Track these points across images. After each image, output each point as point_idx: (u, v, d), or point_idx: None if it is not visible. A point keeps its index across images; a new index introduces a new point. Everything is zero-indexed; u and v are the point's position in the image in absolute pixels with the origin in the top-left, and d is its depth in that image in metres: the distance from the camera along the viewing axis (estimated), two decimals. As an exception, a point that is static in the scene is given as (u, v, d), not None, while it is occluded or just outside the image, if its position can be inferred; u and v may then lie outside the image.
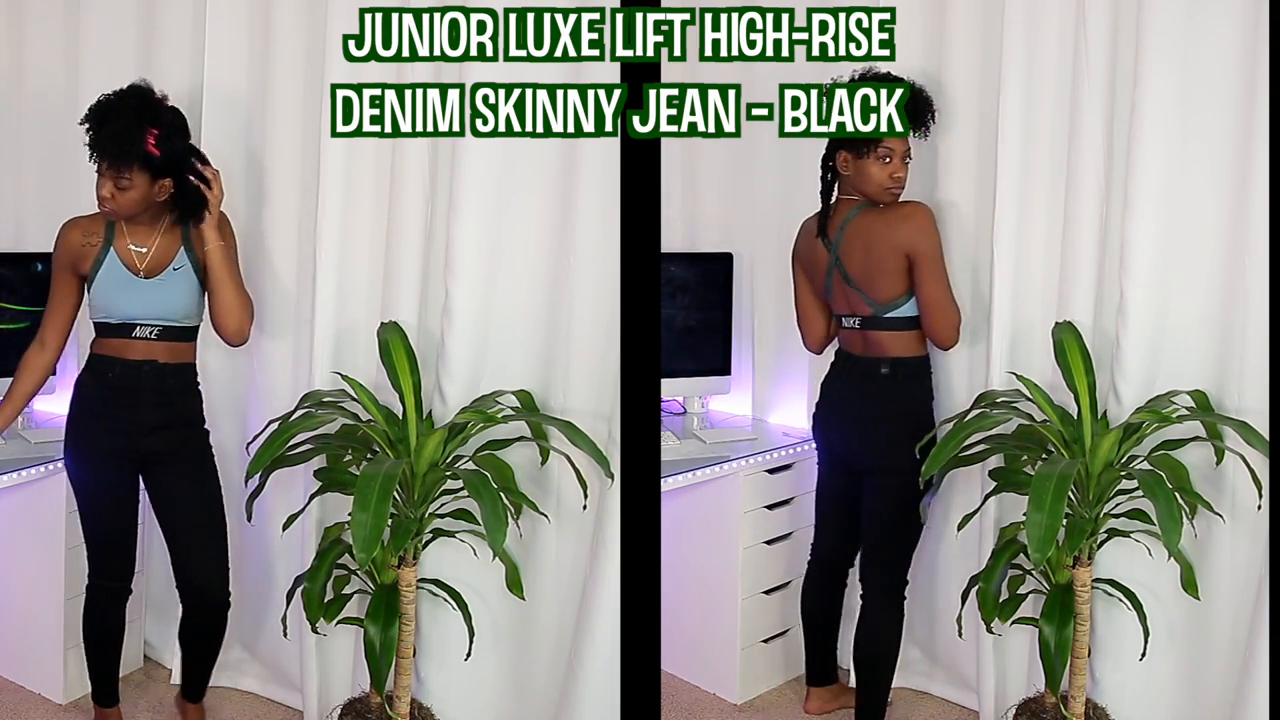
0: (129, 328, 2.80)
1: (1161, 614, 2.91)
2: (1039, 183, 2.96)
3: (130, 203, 2.73)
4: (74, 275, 2.84)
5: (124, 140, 2.65)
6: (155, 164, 2.70)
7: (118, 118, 2.66)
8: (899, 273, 2.91)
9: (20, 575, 3.27)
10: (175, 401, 2.87)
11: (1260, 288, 2.73)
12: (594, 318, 2.88)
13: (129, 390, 2.81)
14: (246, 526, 3.00)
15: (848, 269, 2.97)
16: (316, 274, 2.94)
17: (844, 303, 3.02)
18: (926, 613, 3.35)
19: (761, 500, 3.36)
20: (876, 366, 2.98)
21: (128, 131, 2.65)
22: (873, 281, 2.94)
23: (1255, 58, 2.69)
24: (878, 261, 2.92)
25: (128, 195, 2.71)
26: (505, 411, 2.85)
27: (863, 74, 2.80)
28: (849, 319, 3.02)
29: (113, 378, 2.82)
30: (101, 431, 2.83)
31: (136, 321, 2.80)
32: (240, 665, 3.37)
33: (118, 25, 3.27)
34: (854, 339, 3.03)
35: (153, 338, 2.81)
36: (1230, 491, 2.83)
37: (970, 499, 3.03)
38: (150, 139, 2.66)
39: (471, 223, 2.85)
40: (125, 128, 2.65)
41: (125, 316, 2.80)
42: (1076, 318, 2.90)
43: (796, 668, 3.50)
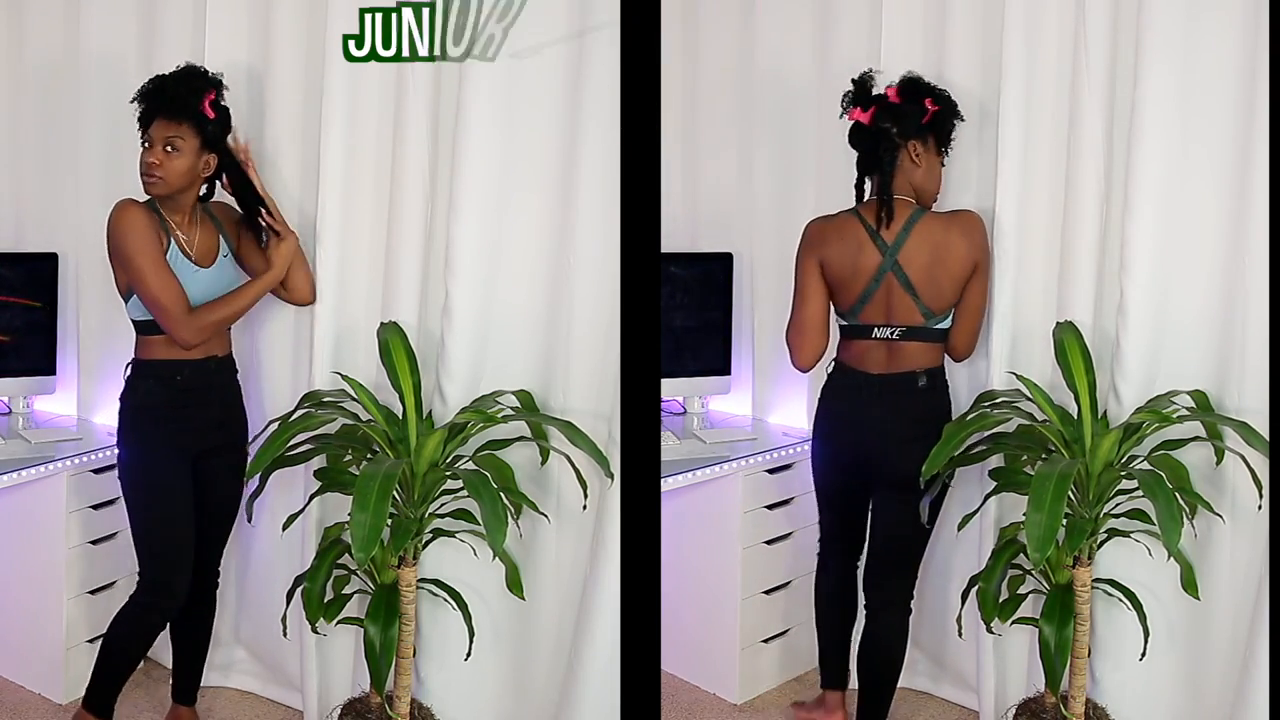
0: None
1: (1161, 614, 2.91)
2: (1039, 183, 2.96)
3: (178, 172, 2.71)
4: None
5: (181, 95, 2.70)
6: (208, 128, 2.73)
7: (176, 80, 2.72)
8: (962, 282, 2.86)
9: (20, 575, 3.27)
10: (234, 395, 2.90)
11: (1260, 288, 2.73)
12: (594, 318, 2.88)
13: (199, 390, 2.81)
14: (247, 526, 3.00)
15: (909, 274, 2.84)
16: (316, 274, 2.94)
17: (884, 312, 2.86)
18: (927, 613, 3.35)
19: (761, 500, 3.36)
20: (912, 380, 2.86)
21: (185, 89, 2.71)
22: (940, 289, 2.84)
23: (1255, 58, 2.69)
24: (948, 269, 2.83)
25: (175, 163, 2.70)
26: (505, 411, 2.85)
27: (899, 82, 2.83)
28: (883, 329, 2.86)
29: (182, 381, 2.78)
30: (170, 431, 2.79)
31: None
32: (240, 665, 3.37)
33: (118, 24, 3.27)
34: (875, 353, 2.89)
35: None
36: (1230, 491, 2.83)
37: (970, 499, 3.03)
38: (207, 100, 2.72)
39: (471, 223, 2.85)
40: (182, 87, 2.71)
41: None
42: (1076, 318, 2.90)
43: (796, 668, 3.50)
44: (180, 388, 2.79)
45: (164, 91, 2.72)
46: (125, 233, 2.69)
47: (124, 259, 2.71)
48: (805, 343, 2.93)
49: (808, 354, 2.93)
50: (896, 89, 2.87)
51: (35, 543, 3.21)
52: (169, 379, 2.78)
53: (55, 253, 3.39)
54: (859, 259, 2.85)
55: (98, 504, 3.24)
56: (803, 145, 3.45)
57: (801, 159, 3.45)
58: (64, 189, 3.40)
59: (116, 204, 2.73)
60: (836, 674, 3.21)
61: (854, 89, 2.89)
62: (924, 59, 3.14)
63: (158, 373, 2.79)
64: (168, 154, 2.70)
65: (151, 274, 2.70)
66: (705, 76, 3.67)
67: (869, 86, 2.88)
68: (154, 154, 2.70)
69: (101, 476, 3.22)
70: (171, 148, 2.70)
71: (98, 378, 3.42)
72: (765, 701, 3.42)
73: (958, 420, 2.85)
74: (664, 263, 3.47)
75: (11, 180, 3.48)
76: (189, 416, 2.81)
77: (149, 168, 2.70)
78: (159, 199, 2.76)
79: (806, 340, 2.93)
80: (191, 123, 2.72)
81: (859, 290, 2.87)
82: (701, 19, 3.67)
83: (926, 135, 2.87)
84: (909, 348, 2.87)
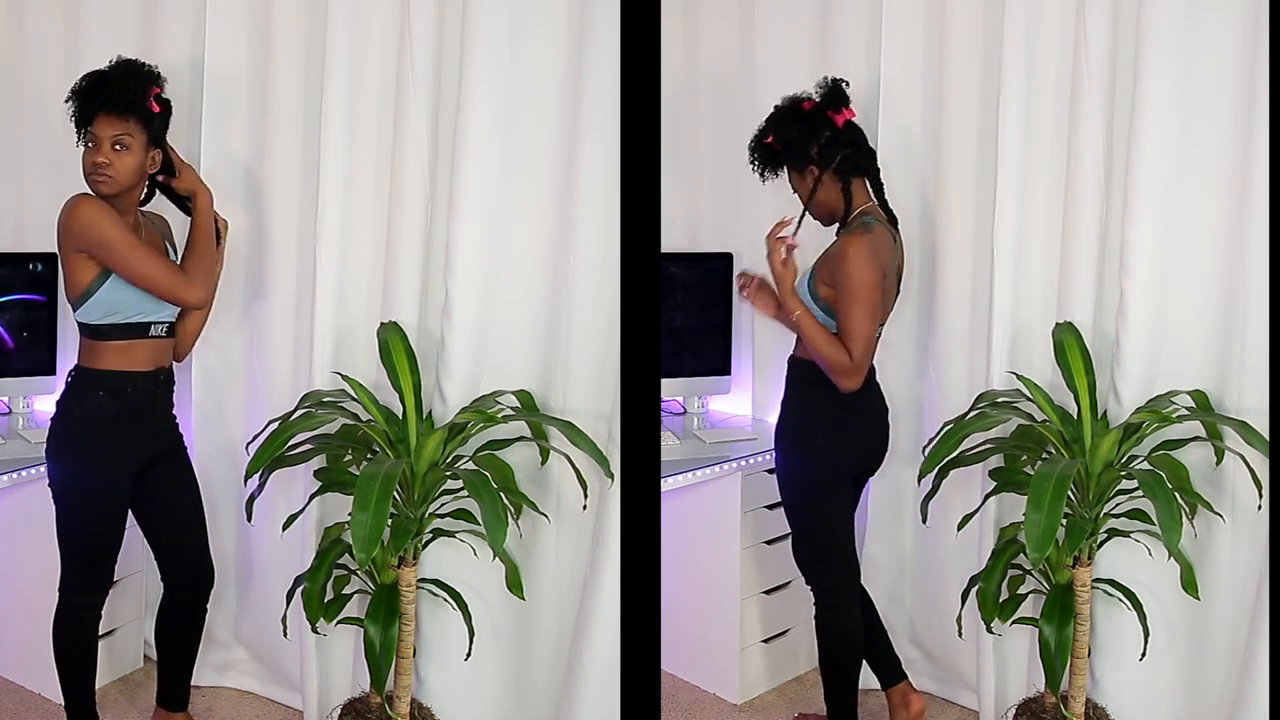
0: (144, 327, 2.71)
1: (1161, 614, 2.91)
2: (1039, 183, 2.96)
3: (127, 170, 2.64)
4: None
5: (127, 92, 2.62)
6: (154, 124, 2.68)
7: (119, 76, 2.65)
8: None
9: (20, 575, 3.27)
10: (171, 404, 2.86)
11: (1260, 288, 2.74)
12: (594, 318, 2.88)
13: (147, 404, 2.75)
14: (246, 526, 3.00)
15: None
16: (316, 274, 2.94)
17: (885, 313, 2.87)
18: (926, 613, 3.35)
19: (761, 500, 3.36)
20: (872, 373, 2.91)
21: (130, 85, 2.63)
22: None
23: (1255, 58, 2.69)
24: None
25: (124, 161, 2.63)
26: (505, 411, 2.85)
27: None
28: (879, 329, 2.87)
29: (133, 393, 2.72)
30: (118, 445, 2.72)
31: (152, 320, 2.72)
32: (240, 665, 3.37)
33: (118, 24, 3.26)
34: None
35: (163, 335, 2.75)
36: (1230, 491, 2.83)
37: (970, 499, 3.03)
38: (152, 94, 2.66)
39: (471, 223, 2.85)
40: (128, 83, 2.64)
41: (142, 314, 2.70)
42: (1076, 318, 2.90)
43: (796, 668, 3.51)
44: (131, 401, 2.72)
45: (108, 88, 2.63)
46: (96, 220, 2.61)
47: (102, 245, 2.61)
48: (870, 362, 2.82)
49: (863, 371, 2.78)
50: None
51: (35, 542, 3.20)
52: (120, 391, 2.70)
53: (55, 253, 3.37)
54: (893, 265, 2.85)
55: (98, 504, 3.23)
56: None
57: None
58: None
59: (74, 198, 2.65)
60: (891, 669, 3.10)
61: (832, 90, 2.83)
62: (924, 59, 3.15)
63: (108, 385, 2.69)
64: (117, 152, 2.63)
65: (141, 252, 2.64)
66: (705, 77, 3.67)
67: (843, 88, 2.85)
68: (102, 152, 2.62)
69: (101, 476, 3.22)
70: (120, 145, 2.63)
71: (98, 378, 3.41)
72: (765, 701, 3.42)
73: (958, 420, 2.85)
74: (664, 263, 3.47)
75: (12, 180, 3.48)
76: (138, 430, 2.74)
77: (98, 167, 2.62)
78: (107, 198, 2.66)
79: (870, 359, 2.81)
80: (138, 119, 2.65)
81: (892, 298, 2.88)
82: (702, 19, 3.67)
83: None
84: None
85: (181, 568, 2.92)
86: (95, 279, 2.65)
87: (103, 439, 2.71)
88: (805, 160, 2.82)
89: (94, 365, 2.71)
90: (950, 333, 3.18)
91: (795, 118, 2.82)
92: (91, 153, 2.64)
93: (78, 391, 2.72)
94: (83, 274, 2.66)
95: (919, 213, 3.19)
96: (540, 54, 2.84)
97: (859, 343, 2.70)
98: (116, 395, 2.70)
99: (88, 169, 2.64)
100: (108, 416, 2.70)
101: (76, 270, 2.66)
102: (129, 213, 2.72)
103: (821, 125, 2.80)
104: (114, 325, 2.69)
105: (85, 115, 2.65)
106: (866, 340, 2.72)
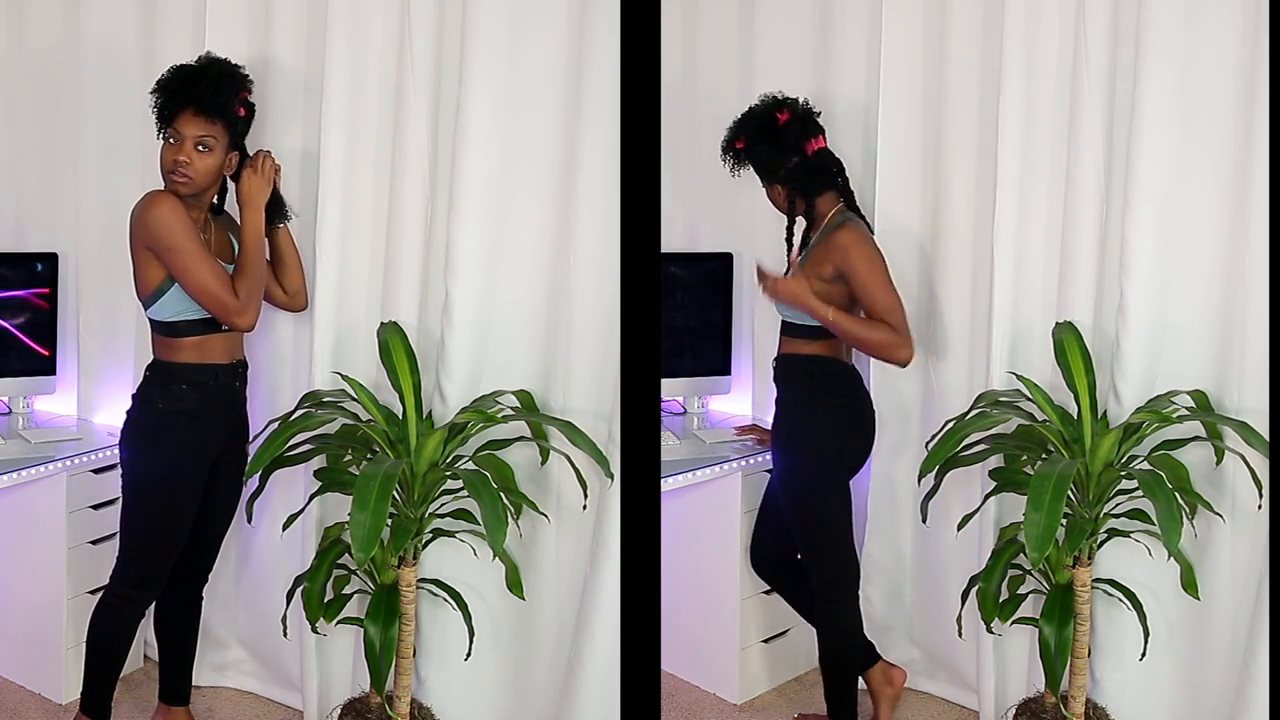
0: (217, 322, 2.69)
1: (1161, 614, 2.91)
2: (1039, 183, 2.96)
3: (206, 170, 2.63)
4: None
5: (220, 95, 2.60)
6: (238, 128, 2.68)
7: (212, 76, 2.63)
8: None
9: (21, 575, 3.27)
10: (244, 398, 2.87)
11: (1260, 288, 2.74)
12: (594, 318, 2.88)
13: (227, 395, 2.78)
14: (246, 526, 3.00)
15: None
16: (316, 274, 2.94)
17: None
18: (926, 613, 3.35)
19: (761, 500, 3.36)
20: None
21: (223, 88, 2.62)
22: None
23: (1255, 58, 2.70)
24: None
25: (205, 161, 2.62)
26: (505, 411, 2.86)
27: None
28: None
29: (213, 387, 2.73)
30: (199, 437, 2.73)
31: None
32: (240, 665, 3.37)
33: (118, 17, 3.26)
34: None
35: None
36: (1230, 491, 2.83)
37: (970, 499, 3.03)
38: (240, 98, 2.66)
39: (471, 223, 2.85)
40: (220, 85, 2.62)
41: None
42: (1076, 318, 2.90)
43: (796, 668, 3.50)
44: (212, 393, 2.73)
45: (198, 87, 2.61)
46: (170, 224, 2.58)
47: (168, 250, 2.58)
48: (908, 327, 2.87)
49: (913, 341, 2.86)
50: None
51: (35, 543, 3.21)
52: (202, 384, 2.72)
53: (55, 252, 3.39)
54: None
55: (98, 504, 3.23)
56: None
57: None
58: (64, 188, 3.40)
59: (149, 195, 2.62)
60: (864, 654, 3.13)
61: (803, 117, 2.90)
62: (924, 60, 3.15)
63: (190, 378, 2.70)
64: (199, 153, 2.61)
65: (205, 263, 2.60)
66: (705, 77, 3.67)
67: (814, 116, 2.93)
68: (184, 151, 2.60)
69: (101, 476, 3.22)
70: (204, 147, 2.62)
71: (98, 378, 3.42)
72: (765, 701, 3.42)
73: (958, 420, 2.85)
74: (664, 263, 3.47)
75: (11, 179, 3.48)
76: (216, 421, 2.77)
77: (178, 165, 2.60)
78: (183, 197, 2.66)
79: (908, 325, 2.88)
80: (224, 122, 2.64)
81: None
82: (702, 20, 3.67)
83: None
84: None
85: (198, 559, 2.92)
86: (165, 279, 2.65)
87: (185, 430, 2.72)
88: (773, 179, 2.93)
89: (174, 359, 2.71)
90: (950, 333, 3.18)
91: (767, 135, 2.89)
92: (173, 149, 2.62)
93: (159, 385, 2.72)
94: (152, 273, 2.66)
95: (919, 213, 3.19)
96: (540, 54, 2.84)
97: (895, 313, 2.80)
98: (199, 388, 2.72)
99: (168, 165, 2.63)
100: (190, 409, 2.71)
101: (146, 268, 2.66)
102: (201, 209, 2.72)
103: (791, 152, 2.89)
104: (189, 322, 2.69)
105: (170, 111, 2.63)
106: (899, 309, 2.81)
